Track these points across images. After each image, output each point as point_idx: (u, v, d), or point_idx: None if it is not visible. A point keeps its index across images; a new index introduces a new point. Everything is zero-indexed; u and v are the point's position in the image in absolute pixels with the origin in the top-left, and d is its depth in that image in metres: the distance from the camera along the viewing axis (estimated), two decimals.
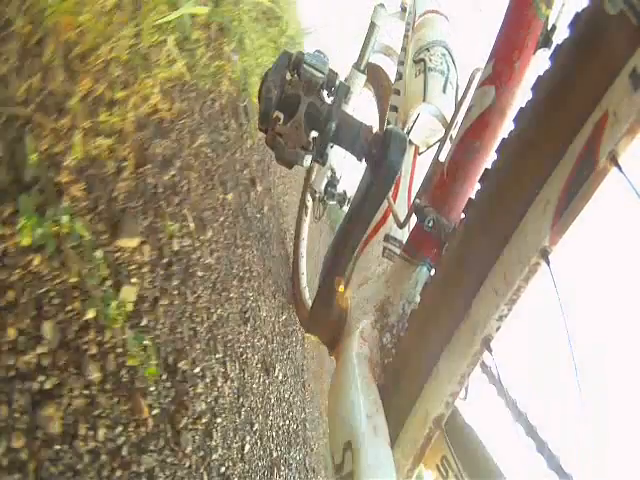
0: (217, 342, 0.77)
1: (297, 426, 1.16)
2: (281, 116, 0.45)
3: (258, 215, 1.27)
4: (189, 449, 0.59)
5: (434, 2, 0.92)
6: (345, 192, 1.27)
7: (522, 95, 0.49)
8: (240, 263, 1.01)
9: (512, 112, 0.49)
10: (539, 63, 0.51)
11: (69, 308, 0.47)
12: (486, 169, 0.38)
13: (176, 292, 0.68)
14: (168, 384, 0.59)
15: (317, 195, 1.32)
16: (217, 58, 1.13)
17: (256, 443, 0.84)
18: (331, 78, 0.46)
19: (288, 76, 0.45)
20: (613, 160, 0.26)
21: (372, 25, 1.35)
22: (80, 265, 0.48)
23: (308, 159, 0.45)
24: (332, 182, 1.26)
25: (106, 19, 0.64)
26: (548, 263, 0.30)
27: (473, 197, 0.40)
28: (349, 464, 0.38)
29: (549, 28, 0.50)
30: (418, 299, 0.48)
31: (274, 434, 0.97)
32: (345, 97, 0.47)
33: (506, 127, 0.49)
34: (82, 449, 0.43)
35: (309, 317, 0.55)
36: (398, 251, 0.68)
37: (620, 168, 0.26)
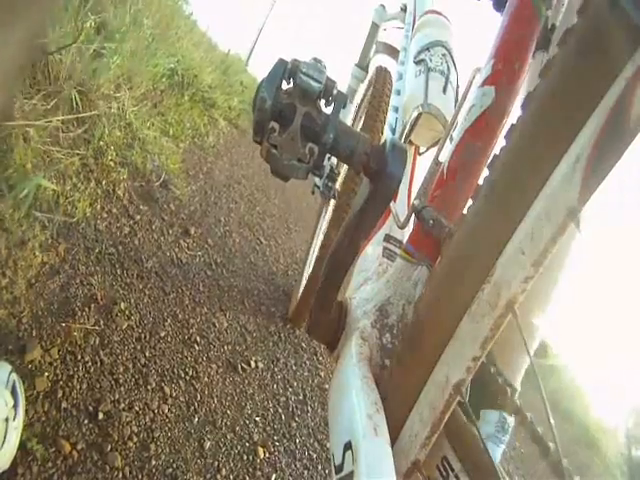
0: (149, 377, 0.87)
1: (299, 397, 1.19)
2: (276, 127, 0.43)
3: (200, 253, 1.36)
4: (119, 464, 0.70)
5: (434, 2, 0.92)
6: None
7: (522, 95, 0.49)
8: (175, 304, 1.09)
9: (512, 112, 0.49)
10: (538, 63, 0.51)
11: None
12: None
13: (90, 363, 0.79)
14: (91, 425, 0.72)
15: (315, 188, 1.39)
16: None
17: (224, 436, 0.90)
18: (328, 87, 0.43)
19: (284, 85, 0.43)
20: None
21: (373, 25, 1.37)
22: None
23: (304, 172, 0.43)
24: (331, 176, 1.27)
25: None
26: (577, 223, 0.29)
27: (497, 153, 0.37)
28: (349, 464, 0.38)
29: (549, 28, 0.50)
30: (418, 294, 0.48)
31: (258, 419, 1.01)
32: (343, 107, 0.45)
33: (506, 127, 0.49)
34: None
35: (308, 317, 0.55)
36: (398, 251, 0.68)
37: None
